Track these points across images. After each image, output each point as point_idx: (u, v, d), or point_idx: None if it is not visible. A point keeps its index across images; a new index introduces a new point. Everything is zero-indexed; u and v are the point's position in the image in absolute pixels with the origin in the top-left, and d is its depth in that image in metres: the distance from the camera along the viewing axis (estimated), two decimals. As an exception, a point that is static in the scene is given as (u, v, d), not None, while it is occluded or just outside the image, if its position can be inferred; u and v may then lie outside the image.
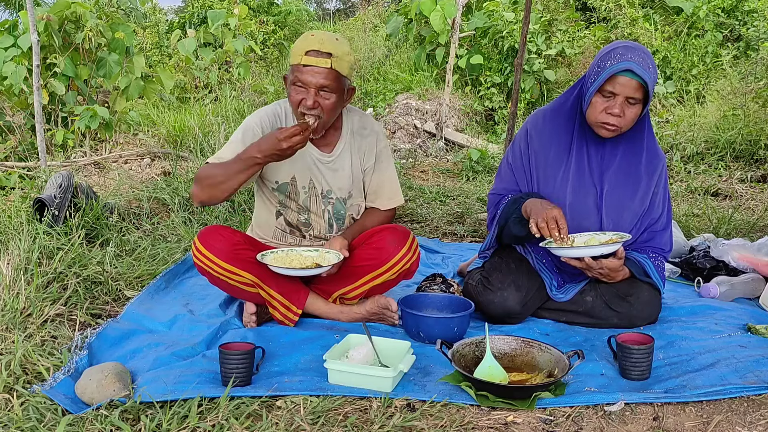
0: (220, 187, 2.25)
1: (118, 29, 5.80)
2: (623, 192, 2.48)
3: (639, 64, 2.25)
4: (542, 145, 2.52)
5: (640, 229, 2.53)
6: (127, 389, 1.87)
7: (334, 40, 2.30)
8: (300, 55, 2.28)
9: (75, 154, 5.56)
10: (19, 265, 2.62)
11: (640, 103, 2.31)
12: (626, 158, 2.48)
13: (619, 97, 2.29)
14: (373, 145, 2.58)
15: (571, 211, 2.46)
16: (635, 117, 2.34)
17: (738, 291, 2.87)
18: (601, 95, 2.32)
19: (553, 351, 2.04)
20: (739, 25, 8.33)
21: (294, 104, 2.35)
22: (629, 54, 2.26)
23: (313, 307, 2.49)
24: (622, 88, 2.27)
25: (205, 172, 2.29)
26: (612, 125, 2.33)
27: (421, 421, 1.78)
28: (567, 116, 2.50)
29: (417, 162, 6.50)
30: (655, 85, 2.34)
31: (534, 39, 7.93)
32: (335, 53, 2.27)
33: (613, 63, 2.27)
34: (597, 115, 2.34)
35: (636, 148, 2.48)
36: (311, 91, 2.29)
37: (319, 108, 2.32)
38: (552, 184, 2.49)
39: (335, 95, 2.33)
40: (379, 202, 2.64)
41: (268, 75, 9.86)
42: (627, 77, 2.26)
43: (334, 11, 23.81)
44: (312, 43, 2.27)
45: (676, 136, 6.14)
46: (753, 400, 1.91)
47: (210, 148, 5.30)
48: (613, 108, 2.30)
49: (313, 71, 2.27)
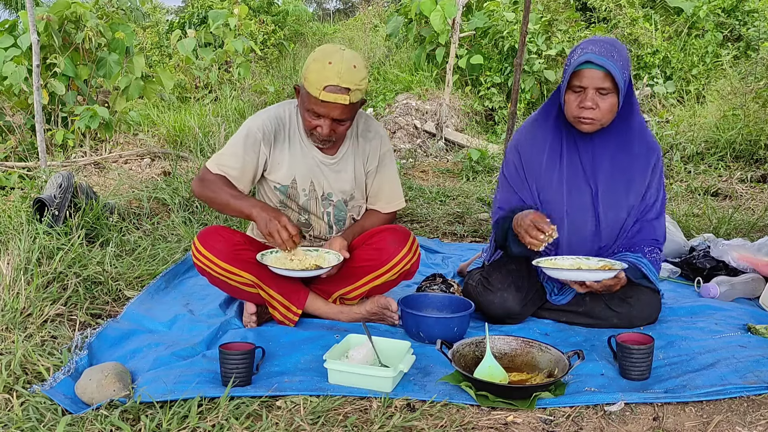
0: (215, 205, 2.43)
1: (118, 29, 5.80)
2: (617, 190, 2.47)
3: (598, 53, 2.27)
4: (534, 152, 2.52)
5: (632, 219, 2.51)
6: (127, 389, 1.87)
7: (352, 69, 2.25)
8: (318, 89, 2.25)
9: (75, 154, 5.56)
10: (19, 265, 2.62)
11: (613, 93, 2.31)
12: (618, 154, 2.47)
13: (588, 90, 2.30)
14: (377, 148, 2.58)
15: (569, 213, 2.47)
16: (612, 107, 2.34)
17: (738, 291, 2.87)
18: (572, 91, 2.35)
19: (553, 351, 2.04)
20: (740, 25, 8.33)
21: (307, 127, 2.39)
22: (591, 46, 2.30)
23: (313, 307, 2.49)
24: (588, 81, 2.29)
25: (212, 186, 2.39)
26: (588, 118, 2.34)
27: (421, 421, 1.78)
28: (554, 120, 2.51)
29: (417, 162, 6.50)
30: (628, 73, 2.34)
31: (534, 39, 7.93)
32: (353, 87, 2.26)
33: (575, 58, 2.31)
34: (572, 111, 2.36)
35: (627, 143, 2.48)
36: (327, 121, 2.32)
37: (333, 134, 2.37)
38: (549, 189, 2.49)
39: (350, 121, 2.38)
40: (380, 205, 2.64)
41: (268, 75, 9.86)
42: (589, 68, 2.28)
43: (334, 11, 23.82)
44: (331, 77, 2.23)
45: (676, 136, 6.14)
46: (753, 400, 1.91)
47: (210, 148, 5.30)
48: (585, 101, 2.31)
49: (330, 106, 2.28)
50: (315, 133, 2.38)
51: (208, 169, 2.43)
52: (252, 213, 2.30)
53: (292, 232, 2.26)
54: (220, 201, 2.37)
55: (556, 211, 2.48)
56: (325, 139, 2.38)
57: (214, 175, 2.41)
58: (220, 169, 2.41)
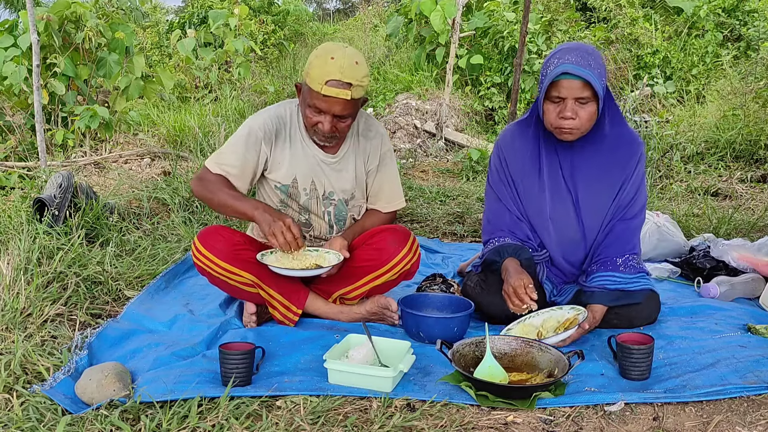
0: (213, 205, 2.41)
1: (118, 29, 5.79)
2: (597, 195, 2.46)
3: (575, 63, 2.23)
4: (515, 158, 2.52)
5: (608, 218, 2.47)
6: (127, 389, 1.87)
7: (354, 66, 2.26)
8: (320, 84, 2.25)
9: (75, 154, 5.56)
10: (19, 265, 2.62)
11: (593, 101, 2.29)
12: (594, 157, 2.45)
13: (567, 100, 2.27)
14: (378, 147, 2.58)
15: (553, 221, 2.49)
16: (591, 115, 2.31)
17: (738, 291, 2.87)
18: (550, 101, 2.32)
19: (553, 351, 2.04)
20: (740, 25, 8.33)
21: (309, 124, 2.38)
22: (566, 56, 2.25)
23: (313, 307, 2.49)
24: (567, 91, 2.26)
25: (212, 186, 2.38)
26: (568, 128, 2.31)
27: (421, 421, 1.78)
28: (534, 127, 2.49)
29: (417, 162, 6.49)
30: (605, 80, 2.32)
31: (534, 39, 7.92)
32: (355, 82, 2.26)
33: (551, 69, 2.28)
34: (552, 122, 2.33)
35: (606, 149, 2.44)
36: (328, 117, 2.32)
37: (335, 131, 2.36)
38: (532, 195, 2.50)
39: (351, 118, 2.37)
40: (380, 204, 2.64)
41: (268, 75, 9.86)
42: (567, 79, 2.25)
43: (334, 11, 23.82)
44: (333, 72, 2.24)
45: (676, 136, 6.13)
46: (753, 400, 1.91)
47: (210, 148, 5.29)
48: (564, 112, 2.28)
49: (332, 101, 2.28)
50: (316, 130, 2.37)
51: (208, 168, 2.42)
52: (254, 215, 2.29)
53: (296, 233, 2.26)
54: (219, 201, 2.37)
55: (541, 216, 2.50)
56: (326, 136, 2.37)
57: (213, 175, 2.41)
58: (219, 168, 2.41)
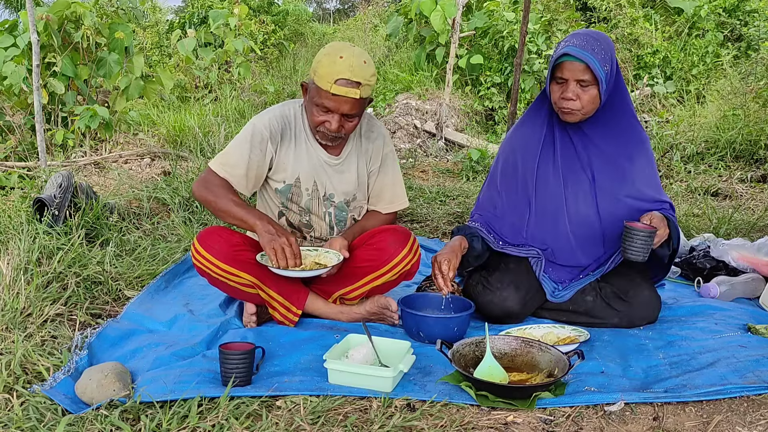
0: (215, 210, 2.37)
1: (117, 29, 5.79)
2: (612, 178, 2.50)
3: (578, 46, 2.32)
4: (528, 145, 2.56)
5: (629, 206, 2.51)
6: (127, 389, 1.87)
7: (362, 65, 2.27)
8: (329, 83, 2.24)
9: (75, 154, 5.56)
10: (19, 265, 2.62)
11: (593, 85, 2.36)
12: (609, 143, 2.50)
13: (570, 82, 2.36)
14: (380, 148, 2.58)
15: (568, 204, 2.50)
16: (592, 98, 2.38)
17: (738, 291, 2.87)
18: (555, 83, 2.42)
19: (553, 351, 2.04)
20: (740, 25, 8.33)
21: (315, 123, 2.37)
22: (573, 39, 2.35)
23: (313, 308, 2.49)
24: (569, 73, 2.35)
25: (216, 190, 2.35)
26: (568, 108, 2.39)
27: (421, 421, 1.78)
28: (545, 113, 2.56)
29: (417, 162, 6.49)
30: (612, 65, 2.38)
31: (534, 39, 7.92)
32: (364, 81, 2.26)
33: (557, 50, 2.37)
34: (556, 101, 2.43)
35: (617, 133, 2.51)
36: (336, 116, 2.31)
37: (342, 130, 2.36)
38: (546, 181, 2.53)
39: (358, 118, 2.38)
40: (381, 206, 2.64)
41: (268, 75, 9.86)
42: (569, 61, 2.34)
43: (334, 11, 23.83)
44: (342, 71, 2.23)
45: (676, 136, 6.13)
46: (753, 400, 1.91)
47: (210, 148, 5.30)
48: (566, 92, 2.38)
49: (341, 100, 2.27)
50: (322, 130, 2.36)
51: (213, 170, 2.39)
52: (257, 225, 2.27)
53: (296, 252, 2.24)
54: (222, 207, 2.34)
55: (555, 203, 2.51)
56: (332, 135, 2.37)
57: (218, 179, 2.38)
58: (224, 170, 2.38)
